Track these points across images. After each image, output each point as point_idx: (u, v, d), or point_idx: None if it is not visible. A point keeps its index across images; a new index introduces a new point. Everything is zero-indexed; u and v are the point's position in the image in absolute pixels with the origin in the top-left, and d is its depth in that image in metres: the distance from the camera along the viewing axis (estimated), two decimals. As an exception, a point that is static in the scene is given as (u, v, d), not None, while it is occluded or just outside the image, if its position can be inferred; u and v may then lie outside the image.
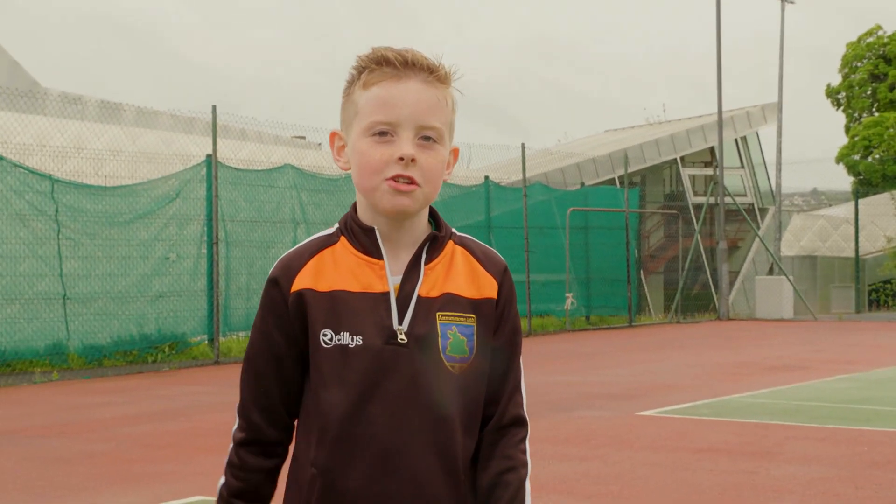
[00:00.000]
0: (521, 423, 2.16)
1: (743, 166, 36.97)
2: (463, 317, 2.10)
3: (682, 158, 35.19)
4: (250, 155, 25.61)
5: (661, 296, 32.56)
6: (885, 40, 57.33)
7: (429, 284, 2.11)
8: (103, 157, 18.51)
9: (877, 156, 54.38)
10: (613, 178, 31.13)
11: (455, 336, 2.09)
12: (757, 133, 37.91)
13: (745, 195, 35.97)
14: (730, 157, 35.58)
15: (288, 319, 2.11)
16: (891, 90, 55.81)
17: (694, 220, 32.02)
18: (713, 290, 29.71)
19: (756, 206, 36.73)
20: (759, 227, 34.54)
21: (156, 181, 16.32)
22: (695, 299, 29.94)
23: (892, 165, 52.50)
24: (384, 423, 2.05)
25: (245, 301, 16.85)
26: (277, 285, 2.13)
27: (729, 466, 7.74)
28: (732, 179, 34.17)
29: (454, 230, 2.20)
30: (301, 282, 2.11)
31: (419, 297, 2.09)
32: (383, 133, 2.06)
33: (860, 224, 33.43)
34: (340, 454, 2.07)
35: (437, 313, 2.09)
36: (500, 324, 2.15)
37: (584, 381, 13.21)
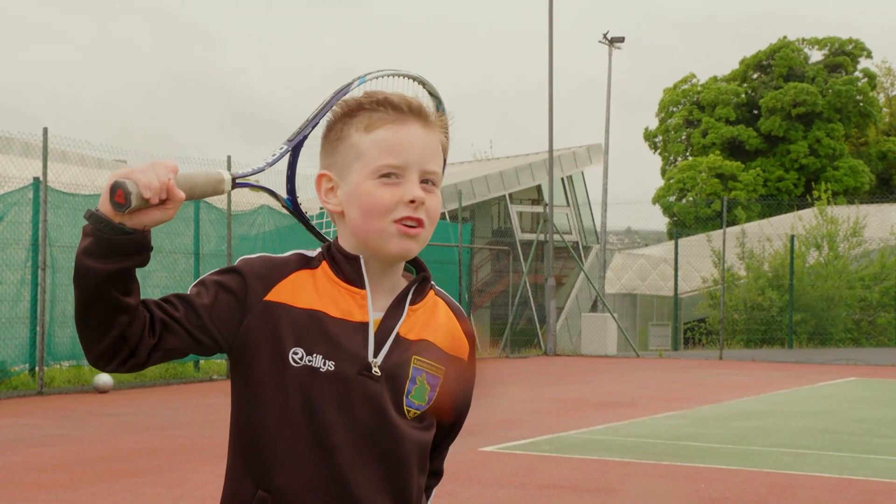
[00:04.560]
0: (436, 474, 2.24)
1: (569, 205, 37.92)
2: (435, 367, 2.09)
3: (511, 195, 35.84)
4: (73, 178, 24.77)
5: (487, 330, 32.96)
6: (699, 88, 59.96)
7: (408, 325, 2.08)
8: None
9: (690, 198, 56.66)
10: (444, 213, 31.43)
11: (422, 383, 2.07)
12: (583, 173, 38.97)
13: (570, 233, 36.87)
14: (556, 196, 36.44)
15: (234, 311, 2.00)
16: (703, 136, 58.28)
17: (521, 256, 32.58)
18: (538, 325, 30.27)
19: (580, 244, 37.69)
20: (583, 265, 35.42)
21: (-25, 204, 15.59)
22: (520, 334, 30.42)
23: (704, 208, 54.74)
24: (346, 454, 2.00)
25: (70, 329, 16.20)
26: (242, 277, 2.03)
27: (576, 503, 7.85)
28: (559, 217, 34.96)
29: None
30: (278, 294, 2.04)
31: (398, 335, 2.06)
32: (389, 175, 2.03)
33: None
34: (299, 479, 2.00)
35: (414, 356, 2.06)
36: (462, 388, 2.18)
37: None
